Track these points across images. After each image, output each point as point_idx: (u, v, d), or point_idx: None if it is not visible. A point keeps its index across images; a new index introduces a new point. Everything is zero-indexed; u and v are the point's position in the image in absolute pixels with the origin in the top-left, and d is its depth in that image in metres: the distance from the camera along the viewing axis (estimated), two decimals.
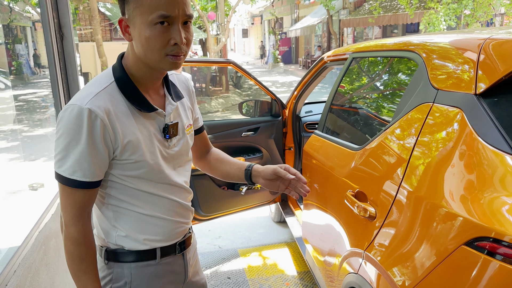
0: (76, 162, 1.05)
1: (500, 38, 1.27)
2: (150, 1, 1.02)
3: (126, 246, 1.20)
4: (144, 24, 1.04)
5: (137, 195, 1.17)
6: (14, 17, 15.81)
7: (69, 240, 1.10)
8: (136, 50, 1.10)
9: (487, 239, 0.99)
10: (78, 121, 1.03)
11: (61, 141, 1.05)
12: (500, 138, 1.08)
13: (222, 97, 13.72)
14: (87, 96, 1.06)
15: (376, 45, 2.01)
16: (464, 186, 1.11)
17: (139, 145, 1.12)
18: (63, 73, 2.62)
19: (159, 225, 1.22)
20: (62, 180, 1.07)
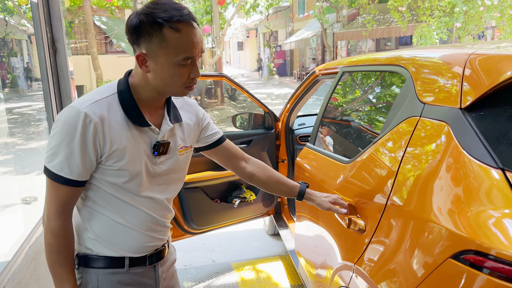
0: (66, 159, 1.12)
1: (484, 53, 1.30)
2: (176, 44, 1.12)
3: (94, 250, 1.24)
4: (168, 63, 1.14)
5: (114, 202, 1.22)
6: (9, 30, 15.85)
7: (49, 232, 1.16)
8: (154, 82, 1.18)
9: (472, 252, 1.00)
10: (74, 122, 1.11)
11: (55, 138, 1.12)
12: (485, 152, 1.10)
13: (217, 109, 13.78)
14: (87, 102, 1.14)
15: (365, 59, 2.03)
16: (450, 199, 1.13)
17: (125, 154, 1.18)
18: (56, 87, 2.63)
19: (130, 236, 1.25)
20: (50, 175, 1.14)
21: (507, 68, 1.15)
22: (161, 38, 1.11)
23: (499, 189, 1.04)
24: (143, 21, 1.11)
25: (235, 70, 35.71)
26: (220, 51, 14.06)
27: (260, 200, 3.16)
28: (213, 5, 14.21)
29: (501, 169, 1.05)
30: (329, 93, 2.28)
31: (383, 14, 14.79)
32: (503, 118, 1.18)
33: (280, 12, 28.19)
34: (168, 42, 1.11)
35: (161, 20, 1.10)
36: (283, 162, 3.40)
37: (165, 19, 1.10)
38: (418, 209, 1.21)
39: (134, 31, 1.13)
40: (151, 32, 1.11)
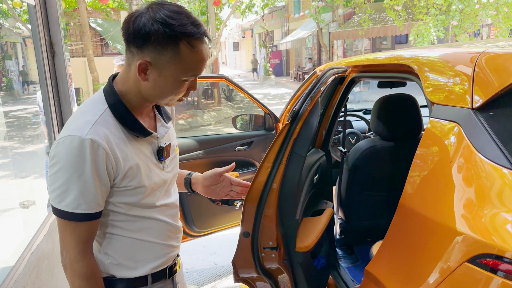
0: (81, 194, 1.02)
1: (495, 52, 1.28)
2: (190, 61, 1.05)
3: (117, 275, 1.17)
4: (175, 78, 1.07)
5: (130, 221, 1.15)
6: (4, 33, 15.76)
7: (77, 277, 1.06)
8: (148, 90, 1.10)
9: (489, 256, 0.98)
10: (80, 152, 1.00)
11: (60, 174, 1.02)
12: (499, 152, 1.08)
13: (214, 110, 13.76)
14: (86, 126, 1.03)
15: (367, 59, 2.01)
16: (464, 202, 1.11)
17: (138, 170, 1.11)
18: (55, 90, 2.59)
19: (152, 250, 1.20)
20: (65, 215, 1.04)
21: None
22: (176, 53, 1.03)
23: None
24: (160, 31, 1.01)
25: (231, 71, 35.72)
26: (216, 52, 14.02)
27: None
28: (208, 5, 14.17)
29: None
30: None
31: (379, 13, 14.80)
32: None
33: (275, 12, 28.17)
34: (182, 58, 1.04)
35: (181, 35, 1.02)
36: None
37: (186, 35, 1.02)
38: (430, 212, 1.18)
39: (142, 36, 1.02)
40: (166, 45, 1.02)
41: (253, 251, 1.58)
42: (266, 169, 1.51)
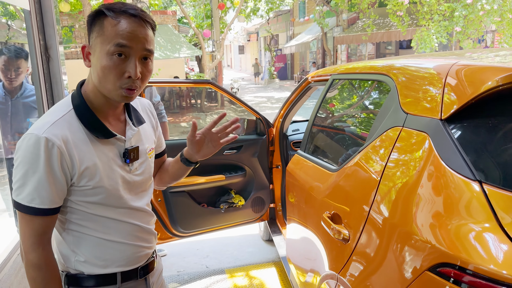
0: (35, 189, 1.06)
1: (466, 64, 1.30)
2: (111, 31, 1.07)
3: (85, 271, 1.20)
4: (102, 53, 1.08)
5: (96, 220, 1.18)
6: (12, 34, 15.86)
7: (30, 266, 1.10)
8: (93, 78, 1.13)
9: (448, 265, 1.00)
10: (35, 150, 1.05)
11: (19, 169, 1.07)
12: (463, 163, 1.10)
13: (217, 113, 13.80)
14: (45, 125, 1.08)
15: (354, 67, 2.04)
16: (429, 211, 1.12)
17: (96, 171, 1.13)
18: (49, 93, 2.64)
19: (120, 250, 1.22)
20: (21, 208, 1.08)
21: (487, 78, 1.15)
22: (100, 26, 1.08)
23: (476, 201, 1.04)
24: (92, 14, 1.11)
25: (235, 74, 35.77)
26: (220, 55, 14.08)
27: (249, 205, 3.17)
28: (213, 9, 14.25)
29: (478, 181, 1.05)
30: (319, 101, 2.28)
31: (383, 18, 14.79)
32: (482, 130, 1.18)
33: (280, 16, 28.24)
34: (104, 30, 1.07)
35: (105, 10, 1.08)
36: (277, 168, 3.40)
37: (108, 8, 1.09)
38: (397, 220, 1.20)
39: (88, 28, 1.12)
40: (95, 22, 1.10)
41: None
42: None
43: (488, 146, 1.14)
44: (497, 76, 1.13)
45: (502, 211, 0.99)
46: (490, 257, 0.94)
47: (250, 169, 3.18)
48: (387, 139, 1.41)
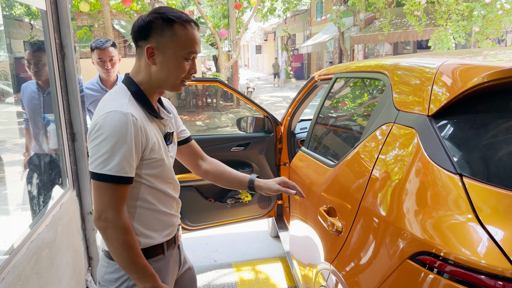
0: (123, 159, 1.20)
1: (454, 63, 1.34)
2: (185, 39, 1.29)
3: (142, 243, 1.34)
4: (176, 55, 1.29)
5: (153, 193, 1.34)
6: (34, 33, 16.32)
7: (119, 231, 1.22)
8: (157, 74, 1.31)
9: (427, 253, 1.05)
10: (123, 124, 1.20)
11: (105, 143, 1.19)
12: (446, 158, 1.14)
13: (232, 112, 13.90)
14: (123, 105, 1.24)
15: (356, 66, 2.08)
16: (412, 203, 1.17)
17: (159, 146, 1.32)
18: (64, 90, 2.75)
19: (166, 220, 1.40)
20: (107, 179, 1.20)
21: (472, 76, 1.19)
22: (173, 33, 1.27)
23: (456, 194, 1.08)
24: (157, 18, 1.27)
25: (252, 74, 35.88)
26: (236, 55, 14.17)
27: (256, 201, 3.23)
28: (230, 9, 14.35)
29: (459, 175, 1.09)
30: (323, 99, 2.33)
31: (400, 18, 14.67)
32: (466, 126, 1.22)
33: (298, 15, 28.20)
34: (178, 37, 1.27)
35: (174, 18, 1.27)
36: (285, 165, 3.46)
37: (178, 17, 1.27)
38: (384, 212, 1.26)
39: (144, 28, 1.27)
40: (164, 28, 1.26)
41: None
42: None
43: (471, 142, 1.18)
44: (482, 73, 1.17)
45: (479, 203, 1.04)
46: (464, 246, 0.99)
47: (257, 166, 3.25)
48: (379, 135, 1.46)
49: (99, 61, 3.11)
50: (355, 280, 1.32)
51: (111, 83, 3.23)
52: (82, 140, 2.86)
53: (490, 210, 1.03)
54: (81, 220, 2.94)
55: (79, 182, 2.91)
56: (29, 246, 2.00)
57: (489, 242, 0.97)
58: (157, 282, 1.29)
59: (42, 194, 2.92)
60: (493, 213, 1.02)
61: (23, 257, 1.91)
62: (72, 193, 2.78)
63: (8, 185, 3.05)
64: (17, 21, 3.50)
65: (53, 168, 3.00)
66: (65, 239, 2.52)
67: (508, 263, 0.92)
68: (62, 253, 2.45)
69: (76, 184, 2.87)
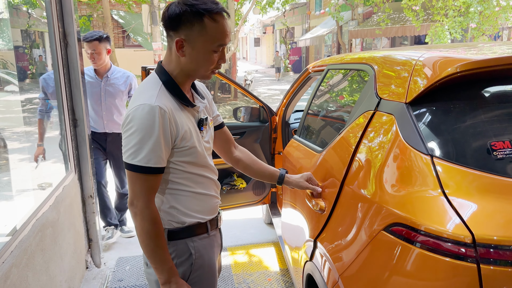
0: (151, 151, 1.26)
1: (432, 55, 1.45)
2: (215, 33, 1.30)
3: (187, 221, 1.42)
4: (205, 49, 1.31)
5: (189, 178, 1.41)
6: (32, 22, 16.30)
7: (147, 221, 1.29)
8: (186, 65, 1.35)
9: (399, 224, 1.17)
10: (151, 117, 1.25)
11: (134, 136, 1.26)
12: (419, 141, 1.26)
13: (230, 104, 14.00)
14: (152, 97, 1.28)
15: (345, 58, 2.20)
16: (388, 180, 1.30)
17: (191, 134, 1.37)
18: (66, 77, 2.85)
19: (207, 201, 1.47)
20: (137, 169, 1.27)
21: (445, 67, 1.31)
22: (202, 27, 1.28)
23: (426, 172, 1.21)
24: (187, 10, 1.27)
25: (251, 66, 35.91)
26: (234, 47, 14.24)
27: (250, 188, 3.35)
28: (229, 1, 14.39)
29: (430, 155, 1.22)
30: (315, 89, 2.45)
31: (398, 12, 14.75)
32: (439, 112, 1.34)
33: (297, 8, 28.20)
34: (207, 30, 1.28)
35: (203, 11, 1.27)
36: (279, 154, 3.58)
37: (207, 10, 1.27)
38: (363, 189, 1.38)
39: (174, 19, 1.28)
40: (193, 21, 1.28)
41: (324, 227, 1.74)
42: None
43: (442, 127, 1.30)
44: (455, 64, 1.29)
45: (446, 180, 1.16)
46: (432, 218, 1.12)
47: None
48: (361, 121, 1.58)
49: (86, 52, 3.36)
50: (336, 251, 1.45)
51: (102, 73, 3.47)
52: (84, 126, 2.97)
53: (455, 186, 1.15)
54: (82, 203, 3.06)
55: (80, 167, 3.03)
56: (34, 223, 2.13)
57: (453, 214, 1.10)
58: (174, 276, 1.34)
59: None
60: (458, 188, 1.14)
61: (29, 234, 2.03)
62: (74, 176, 2.89)
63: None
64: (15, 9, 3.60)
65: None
66: (67, 220, 2.64)
67: (467, 231, 1.04)
68: (64, 233, 2.57)
69: (77, 168, 2.99)
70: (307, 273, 1.77)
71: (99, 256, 3.21)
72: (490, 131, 1.26)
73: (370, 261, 1.27)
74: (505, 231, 1.04)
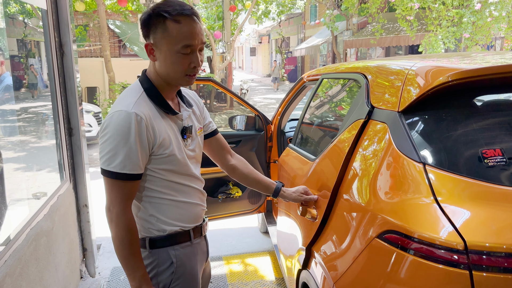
0: (126, 157, 1.27)
1: (424, 65, 1.48)
2: (176, 34, 1.29)
3: (167, 230, 1.41)
4: (170, 51, 1.30)
5: (169, 186, 1.40)
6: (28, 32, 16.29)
7: (121, 228, 1.29)
8: (159, 70, 1.35)
9: (392, 232, 1.18)
10: (126, 123, 1.25)
11: (109, 142, 1.26)
12: (412, 149, 1.28)
13: (225, 113, 14.03)
14: (130, 104, 1.29)
15: (340, 67, 2.22)
16: (382, 188, 1.31)
17: (170, 142, 1.36)
18: (62, 87, 2.86)
19: (189, 209, 1.46)
20: (112, 175, 1.27)
21: (437, 77, 1.33)
22: (164, 29, 1.28)
23: (419, 180, 1.22)
24: (150, 14, 1.30)
25: (247, 76, 36.01)
26: (230, 56, 14.30)
27: (246, 197, 3.35)
28: (224, 11, 14.49)
29: (422, 163, 1.23)
30: (309, 98, 2.47)
31: (392, 23, 14.89)
32: (431, 120, 1.36)
33: (292, 19, 28.41)
34: (169, 32, 1.28)
35: (164, 13, 1.28)
36: (275, 163, 3.59)
37: (168, 12, 1.28)
38: (356, 196, 1.39)
39: (144, 25, 1.32)
40: (156, 24, 1.29)
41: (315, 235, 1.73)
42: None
43: (434, 135, 1.32)
44: (447, 74, 1.31)
45: (438, 187, 1.18)
46: (424, 225, 1.13)
47: None
48: (354, 130, 1.59)
49: None
50: (331, 260, 1.45)
51: None
52: (79, 135, 2.97)
53: (448, 193, 1.16)
54: (77, 212, 3.05)
55: (76, 176, 3.03)
56: (29, 232, 2.12)
57: (445, 221, 1.11)
58: (145, 284, 1.33)
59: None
60: (450, 196, 1.16)
61: (24, 243, 2.02)
62: (69, 185, 2.89)
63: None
64: (11, 19, 3.61)
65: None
66: (61, 229, 2.63)
67: (459, 238, 1.05)
68: (59, 242, 2.56)
69: (72, 177, 2.98)
70: (302, 281, 1.77)
71: (93, 266, 3.19)
72: (481, 139, 1.28)
73: (364, 269, 1.28)
74: (497, 238, 1.06)
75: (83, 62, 13.03)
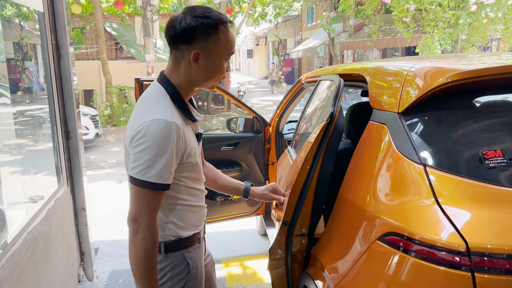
0: (164, 168, 1.23)
1: (423, 66, 1.47)
2: (226, 43, 1.31)
3: (184, 234, 1.41)
4: (220, 59, 1.32)
5: (187, 191, 1.40)
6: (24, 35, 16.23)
7: (148, 241, 1.24)
8: (197, 76, 1.33)
9: (393, 234, 1.18)
10: (166, 133, 1.22)
11: (148, 151, 1.21)
12: (412, 150, 1.28)
13: (223, 115, 14.01)
14: (166, 112, 1.25)
15: (337, 69, 2.22)
16: (381, 189, 1.30)
17: (195, 150, 1.37)
18: (59, 89, 2.84)
19: (200, 212, 1.48)
20: (147, 185, 1.23)
21: (436, 78, 1.33)
22: (217, 38, 1.28)
23: (419, 181, 1.21)
24: (204, 23, 1.25)
25: (243, 78, 36.03)
26: None
27: (244, 199, 3.34)
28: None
29: (423, 164, 1.23)
30: (307, 100, 2.46)
31: (389, 24, 14.94)
32: (430, 121, 1.36)
33: (289, 21, 28.46)
34: (222, 41, 1.29)
35: (218, 22, 1.27)
36: (273, 165, 3.58)
37: (221, 21, 1.28)
38: (357, 199, 1.38)
39: (189, 32, 1.26)
40: (209, 33, 1.27)
41: (288, 238, 1.76)
42: (308, 163, 1.62)
43: (434, 136, 1.32)
44: (446, 75, 1.30)
45: (439, 189, 1.17)
46: (426, 227, 1.12)
47: (246, 165, 3.36)
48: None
49: None
50: (331, 262, 1.44)
51: None
52: (76, 138, 2.95)
53: (449, 194, 1.16)
54: (74, 216, 3.03)
55: (73, 179, 3.01)
56: (26, 236, 2.10)
57: (447, 223, 1.10)
58: None
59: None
60: (451, 197, 1.15)
61: (21, 247, 2.00)
62: (67, 189, 2.87)
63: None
64: (7, 22, 3.58)
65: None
66: (59, 233, 2.61)
67: (461, 240, 1.05)
68: (56, 246, 2.54)
69: (70, 180, 2.97)
70: (303, 284, 1.76)
71: (91, 270, 3.17)
72: (481, 140, 1.28)
73: (365, 271, 1.27)
74: (499, 239, 1.05)
75: (80, 64, 12.99)
